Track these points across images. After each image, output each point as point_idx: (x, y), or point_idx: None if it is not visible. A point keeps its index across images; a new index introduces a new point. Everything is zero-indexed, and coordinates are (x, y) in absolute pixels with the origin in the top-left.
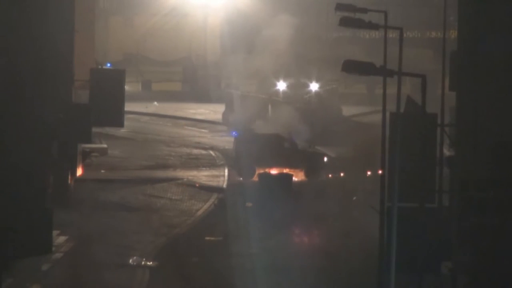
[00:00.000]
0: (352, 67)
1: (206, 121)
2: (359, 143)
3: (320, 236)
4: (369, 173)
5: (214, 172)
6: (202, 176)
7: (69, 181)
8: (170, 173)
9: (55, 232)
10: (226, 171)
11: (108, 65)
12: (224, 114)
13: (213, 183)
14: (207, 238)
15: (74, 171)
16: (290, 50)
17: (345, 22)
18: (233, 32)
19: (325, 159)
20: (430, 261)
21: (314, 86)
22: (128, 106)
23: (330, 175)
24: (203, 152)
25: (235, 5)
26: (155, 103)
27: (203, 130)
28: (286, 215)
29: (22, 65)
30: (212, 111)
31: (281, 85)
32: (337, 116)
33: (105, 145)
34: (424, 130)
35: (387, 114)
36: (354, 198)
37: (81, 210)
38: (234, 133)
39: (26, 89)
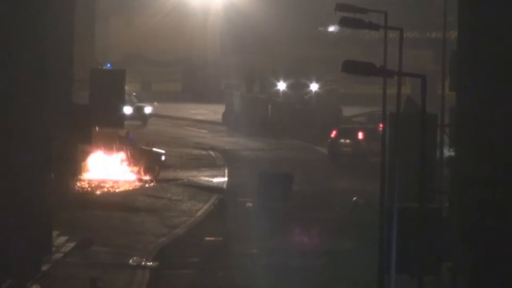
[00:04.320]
0: (352, 68)
1: (206, 121)
2: None
3: (320, 236)
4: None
5: (214, 172)
6: (202, 176)
7: (69, 181)
8: (170, 173)
9: (55, 232)
10: (226, 171)
11: (108, 65)
12: (224, 114)
13: (213, 183)
14: (207, 238)
15: (74, 171)
16: (290, 50)
17: (345, 22)
18: (233, 32)
19: (163, 158)
20: (430, 261)
21: (314, 86)
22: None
23: None
24: (203, 152)
25: (235, 5)
26: (155, 103)
27: (203, 131)
28: (286, 215)
29: (22, 65)
30: (212, 112)
31: (281, 85)
32: (337, 116)
33: None
34: (424, 131)
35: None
36: (354, 198)
37: (81, 210)
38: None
39: (26, 89)
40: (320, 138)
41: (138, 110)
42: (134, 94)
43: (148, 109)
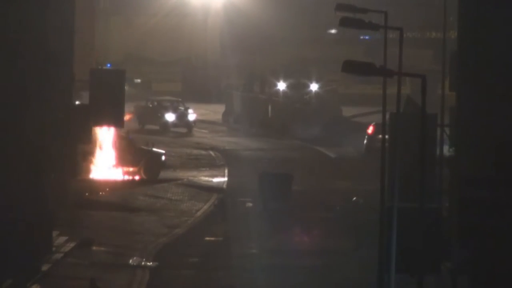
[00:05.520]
0: (352, 68)
1: (206, 121)
2: None
3: (320, 236)
4: None
5: (214, 172)
6: (202, 176)
7: (69, 181)
8: (170, 173)
9: (55, 232)
10: (226, 171)
11: (108, 65)
12: (224, 114)
13: (213, 183)
14: (207, 238)
15: (74, 171)
16: (290, 50)
17: (345, 23)
18: (233, 32)
19: (163, 158)
20: (430, 261)
21: (314, 86)
22: (128, 107)
23: None
24: (203, 152)
25: (235, 5)
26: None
27: (203, 131)
28: (286, 215)
29: (22, 65)
30: (212, 111)
31: (281, 85)
32: (337, 116)
33: None
34: (424, 130)
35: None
36: (354, 198)
37: (81, 210)
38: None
39: (26, 89)
40: (320, 138)
41: (182, 117)
42: (180, 100)
43: (192, 116)
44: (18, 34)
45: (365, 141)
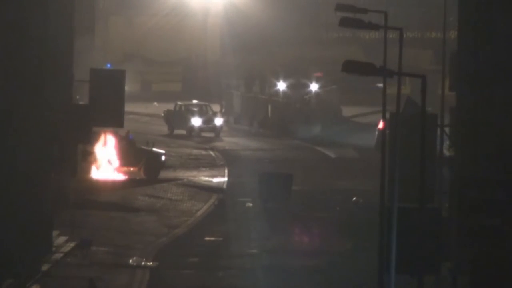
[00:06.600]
0: (352, 68)
1: None
2: None
3: (320, 236)
4: None
5: (214, 172)
6: (202, 176)
7: (69, 181)
8: (170, 174)
9: (55, 232)
10: (226, 171)
11: (108, 65)
12: (224, 114)
13: (213, 183)
14: (207, 238)
15: (74, 171)
16: (290, 50)
17: (345, 23)
18: (233, 32)
19: (163, 158)
20: (430, 261)
21: (314, 86)
22: (128, 107)
23: None
24: (203, 152)
25: (235, 6)
26: (155, 103)
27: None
28: (286, 215)
29: (22, 65)
30: None
31: (281, 85)
32: (337, 116)
33: None
34: (424, 131)
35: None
36: (354, 198)
37: (81, 210)
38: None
39: (26, 89)
40: (320, 138)
41: (208, 121)
42: (207, 104)
43: (219, 121)
44: (18, 34)
45: (375, 136)
